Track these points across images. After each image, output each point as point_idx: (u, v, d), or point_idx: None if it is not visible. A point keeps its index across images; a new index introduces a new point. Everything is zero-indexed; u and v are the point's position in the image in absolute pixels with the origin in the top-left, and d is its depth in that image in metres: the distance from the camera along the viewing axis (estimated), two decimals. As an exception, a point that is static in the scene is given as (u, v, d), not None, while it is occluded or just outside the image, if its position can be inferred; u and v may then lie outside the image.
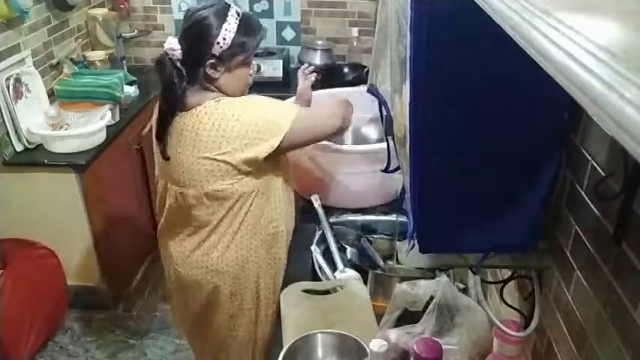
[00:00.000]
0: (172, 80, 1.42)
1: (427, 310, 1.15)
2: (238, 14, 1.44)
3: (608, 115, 0.25)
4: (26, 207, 2.46)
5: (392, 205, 1.90)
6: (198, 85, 1.47)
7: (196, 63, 1.44)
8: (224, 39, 1.41)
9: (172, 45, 1.42)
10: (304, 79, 1.84)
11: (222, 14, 1.42)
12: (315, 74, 1.85)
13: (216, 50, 1.42)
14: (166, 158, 1.49)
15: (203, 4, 1.46)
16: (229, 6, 1.44)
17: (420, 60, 0.79)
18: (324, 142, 1.90)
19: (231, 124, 1.40)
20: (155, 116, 1.55)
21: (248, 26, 1.45)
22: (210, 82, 1.47)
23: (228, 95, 1.50)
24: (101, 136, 2.48)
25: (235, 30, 1.42)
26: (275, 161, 1.52)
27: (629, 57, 0.26)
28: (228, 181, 1.46)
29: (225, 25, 1.41)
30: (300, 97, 1.86)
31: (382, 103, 1.23)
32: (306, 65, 1.89)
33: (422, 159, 0.88)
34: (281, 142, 1.43)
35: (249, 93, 1.60)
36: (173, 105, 1.45)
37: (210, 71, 1.44)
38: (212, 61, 1.43)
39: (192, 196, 1.49)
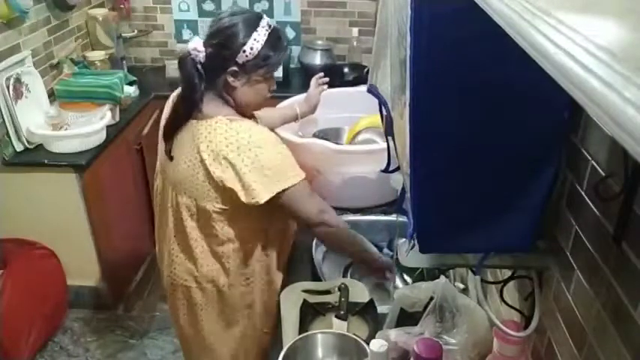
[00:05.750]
0: (193, 81, 1.39)
1: (427, 311, 1.15)
2: (269, 26, 1.40)
3: (608, 115, 0.25)
4: (26, 207, 2.46)
5: (392, 205, 1.90)
6: (214, 92, 1.43)
7: (218, 68, 1.40)
8: (251, 48, 1.37)
9: (197, 46, 1.38)
10: (316, 86, 1.99)
11: (254, 23, 1.38)
12: (326, 85, 2.01)
13: (240, 58, 1.38)
14: (171, 158, 1.46)
15: (234, 10, 1.43)
16: (262, 16, 1.41)
17: (420, 60, 0.79)
18: (324, 142, 1.90)
19: (237, 153, 1.35)
20: (166, 113, 1.52)
21: (276, 41, 1.41)
22: (228, 90, 1.43)
23: (242, 107, 1.46)
24: (101, 136, 2.48)
25: (264, 42, 1.38)
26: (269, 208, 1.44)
27: (629, 57, 0.26)
28: (222, 205, 1.43)
29: (254, 35, 1.37)
30: (307, 99, 2.00)
31: (382, 104, 1.23)
32: (321, 74, 2.04)
33: (422, 159, 0.88)
34: (271, 197, 1.38)
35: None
36: (190, 107, 1.41)
37: (230, 79, 1.40)
38: (234, 68, 1.39)
39: (185, 205, 1.46)
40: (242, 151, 1.35)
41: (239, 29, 1.37)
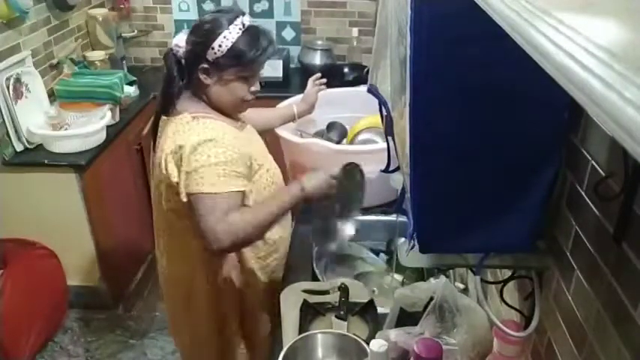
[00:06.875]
0: (172, 75, 1.41)
1: (427, 311, 1.15)
2: (244, 25, 1.38)
3: (608, 115, 0.25)
4: (26, 207, 2.46)
5: (392, 205, 1.90)
6: (191, 90, 1.44)
7: (193, 64, 1.40)
8: (219, 46, 1.35)
9: (178, 42, 1.40)
10: (313, 85, 2.01)
11: (229, 21, 1.37)
12: (324, 86, 2.04)
13: (210, 55, 1.37)
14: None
15: (219, 8, 1.46)
16: (240, 15, 1.39)
17: (420, 60, 0.79)
18: (324, 142, 1.90)
19: (183, 150, 1.34)
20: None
21: (252, 39, 1.38)
22: (200, 88, 1.43)
23: (217, 106, 1.44)
24: (101, 136, 2.48)
25: (234, 39, 1.36)
26: None
27: (629, 57, 0.26)
28: (178, 204, 1.41)
29: (224, 32, 1.35)
30: (305, 99, 2.01)
31: (382, 103, 1.23)
32: (318, 75, 2.06)
33: (422, 159, 0.88)
34: (187, 195, 1.35)
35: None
36: (166, 103, 1.42)
37: (201, 76, 1.40)
38: (204, 65, 1.38)
39: (162, 200, 1.47)
40: (185, 148, 1.34)
41: (214, 27, 1.37)
